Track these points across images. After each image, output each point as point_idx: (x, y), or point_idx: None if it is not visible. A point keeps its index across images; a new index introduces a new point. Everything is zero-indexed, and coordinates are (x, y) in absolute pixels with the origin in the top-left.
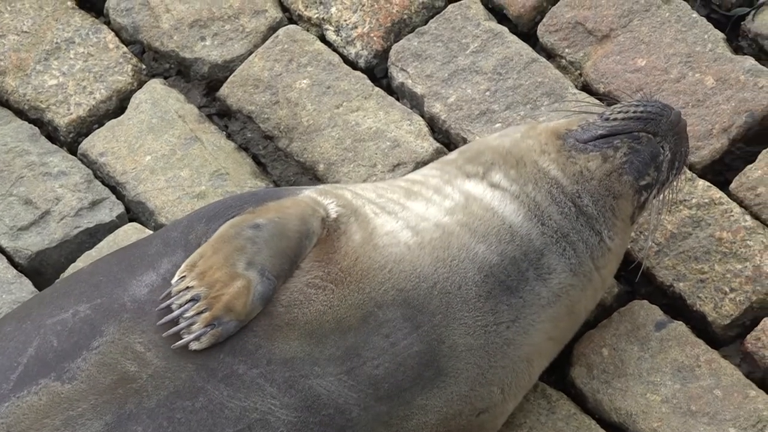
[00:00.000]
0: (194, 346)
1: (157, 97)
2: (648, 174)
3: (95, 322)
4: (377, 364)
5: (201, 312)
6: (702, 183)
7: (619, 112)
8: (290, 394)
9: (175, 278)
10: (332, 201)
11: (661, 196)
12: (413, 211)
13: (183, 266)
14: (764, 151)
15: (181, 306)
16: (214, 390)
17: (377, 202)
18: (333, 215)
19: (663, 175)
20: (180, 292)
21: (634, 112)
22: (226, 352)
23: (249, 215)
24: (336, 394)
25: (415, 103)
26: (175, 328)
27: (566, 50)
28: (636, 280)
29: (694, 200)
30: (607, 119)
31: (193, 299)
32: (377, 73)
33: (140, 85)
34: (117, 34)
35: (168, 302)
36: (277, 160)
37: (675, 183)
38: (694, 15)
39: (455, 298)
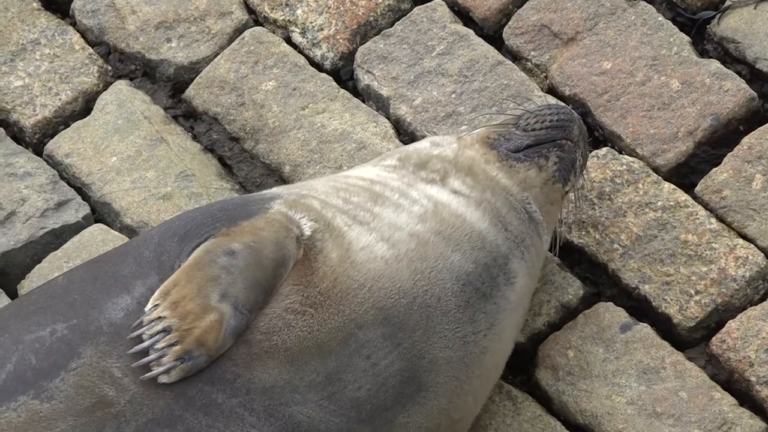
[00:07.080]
0: (163, 379)
1: (123, 98)
2: (570, 180)
3: (72, 343)
4: (359, 387)
5: (172, 344)
6: (667, 186)
7: (536, 122)
8: (270, 423)
9: (148, 306)
10: (304, 215)
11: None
12: (385, 220)
13: (156, 293)
14: (729, 154)
15: (152, 336)
16: (193, 419)
17: (346, 210)
18: (307, 232)
19: (579, 180)
20: (152, 321)
21: (551, 121)
22: (204, 381)
23: (223, 238)
24: (317, 421)
25: (380, 105)
26: (145, 360)
27: (532, 53)
28: (598, 280)
29: (659, 203)
30: (525, 129)
31: (165, 330)
32: (343, 75)
33: (106, 86)
34: (83, 36)
35: (139, 331)
36: (243, 162)
37: (581, 182)
38: (659, 18)
39: (435, 311)
